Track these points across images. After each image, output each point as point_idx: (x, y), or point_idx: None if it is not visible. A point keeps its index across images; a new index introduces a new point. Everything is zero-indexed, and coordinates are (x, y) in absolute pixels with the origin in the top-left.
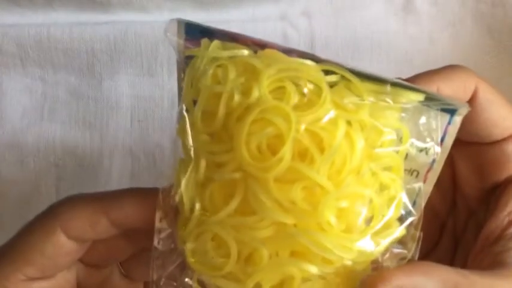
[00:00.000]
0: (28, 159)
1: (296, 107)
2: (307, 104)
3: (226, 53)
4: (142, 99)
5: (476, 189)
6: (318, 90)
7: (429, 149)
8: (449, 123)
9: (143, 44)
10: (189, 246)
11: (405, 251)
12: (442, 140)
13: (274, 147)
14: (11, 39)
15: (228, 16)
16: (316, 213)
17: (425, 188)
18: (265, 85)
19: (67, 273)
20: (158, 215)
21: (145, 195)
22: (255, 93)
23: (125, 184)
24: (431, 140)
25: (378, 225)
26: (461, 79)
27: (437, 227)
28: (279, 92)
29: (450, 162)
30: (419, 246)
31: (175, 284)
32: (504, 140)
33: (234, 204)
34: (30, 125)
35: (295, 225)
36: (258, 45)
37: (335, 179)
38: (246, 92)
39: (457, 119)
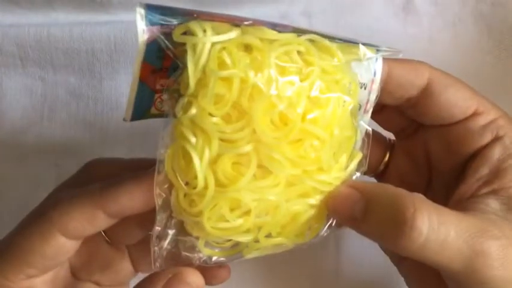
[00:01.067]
0: (28, 160)
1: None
2: (304, 77)
3: (223, 37)
4: None
5: (449, 166)
6: (308, 62)
7: (366, 84)
8: (376, 60)
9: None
10: (206, 215)
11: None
12: (374, 75)
13: (285, 118)
14: (11, 39)
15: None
16: (319, 160)
17: (365, 118)
18: (272, 64)
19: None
20: (156, 196)
21: (138, 181)
22: (266, 73)
23: None
24: (367, 76)
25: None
26: (413, 64)
27: None
28: (281, 67)
29: (423, 143)
30: (366, 162)
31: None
32: (466, 118)
33: (252, 171)
34: (30, 125)
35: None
36: (225, 21)
37: (328, 131)
38: (256, 72)
39: (380, 58)
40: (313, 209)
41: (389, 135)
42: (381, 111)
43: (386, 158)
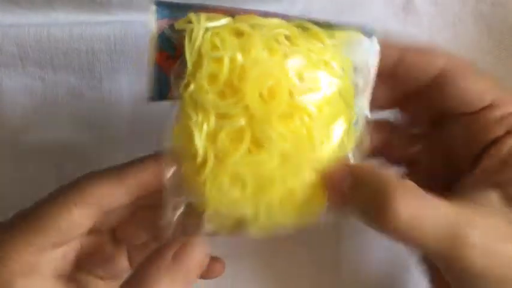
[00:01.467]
0: (28, 159)
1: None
2: (287, 55)
3: (215, 23)
4: (142, 99)
5: (465, 156)
6: (295, 45)
7: (362, 67)
8: (370, 45)
9: (143, 44)
10: (208, 187)
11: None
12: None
13: (273, 93)
14: (11, 39)
15: None
16: (311, 136)
17: (363, 100)
18: (259, 46)
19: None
20: (166, 171)
21: (155, 160)
22: (253, 53)
23: None
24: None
25: (348, 135)
26: (428, 51)
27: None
28: (268, 48)
29: (445, 134)
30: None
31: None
32: (483, 109)
33: (246, 144)
34: (30, 125)
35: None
36: (226, 13)
37: (317, 108)
38: (244, 53)
39: (375, 43)
40: (310, 186)
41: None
42: (403, 100)
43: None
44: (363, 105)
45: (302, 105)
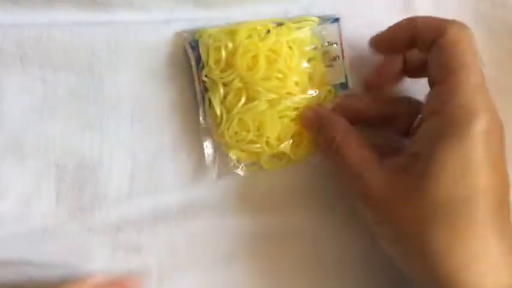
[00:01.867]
0: (28, 159)
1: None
2: (265, 38)
3: (215, 30)
4: (143, 99)
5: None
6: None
7: (337, 42)
8: (339, 26)
9: (143, 44)
10: (226, 134)
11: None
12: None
13: (255, 63)
14: (11, 39)
15: (229, 15)
16: (286, 86)
17: (343, 63)
18: (242, 35)
19: None
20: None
21: None
22: (237, 40)
23: (125, 184)
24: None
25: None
26: (438, 20)
27: None
28: (249, 36)
29: None
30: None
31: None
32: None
33: (244, 98)
34: (30, 125)
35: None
36: None
37: (286, 67)
38: (233, 41)
39: (338, 24)
40: (295, 124)
41: None
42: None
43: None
44: (345, 66)
45: (276, 67)
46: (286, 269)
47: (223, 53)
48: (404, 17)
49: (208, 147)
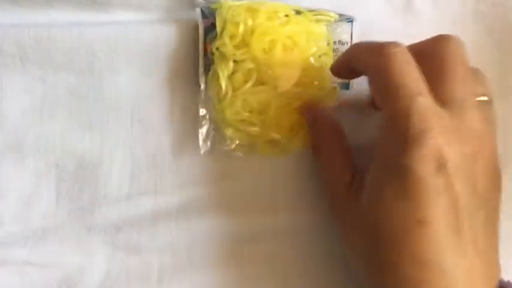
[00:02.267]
0: (28, 159)
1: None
2: (285, 24)
3: (236, 3)
4: (143, 99)
5: None
6: (290, 18)
7: (348, 42)
8: (352, 27)
9: (143, 44)
10: (227, 111)
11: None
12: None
13: (272, 47)
14: (11, 39)
15: None
16: (298, 74)
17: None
18: (263, 16)
19: None
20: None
21: None
22: (257, 21)
23: (125, 184)
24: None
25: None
26: (436, 38)
27: None
28: (269, 18)
29: None
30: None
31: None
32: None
33: (253, 79)
34: (30, 125)
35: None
36: None
37: (304, 58)
38: (253, 20)
39: (350, 25)
40: (296, 114)
41: None
42: None
43: None
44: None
45: (291, 57)
46: (287, 270)
47: (241, 30)
48: (404, 17)
49: (204, 120)
